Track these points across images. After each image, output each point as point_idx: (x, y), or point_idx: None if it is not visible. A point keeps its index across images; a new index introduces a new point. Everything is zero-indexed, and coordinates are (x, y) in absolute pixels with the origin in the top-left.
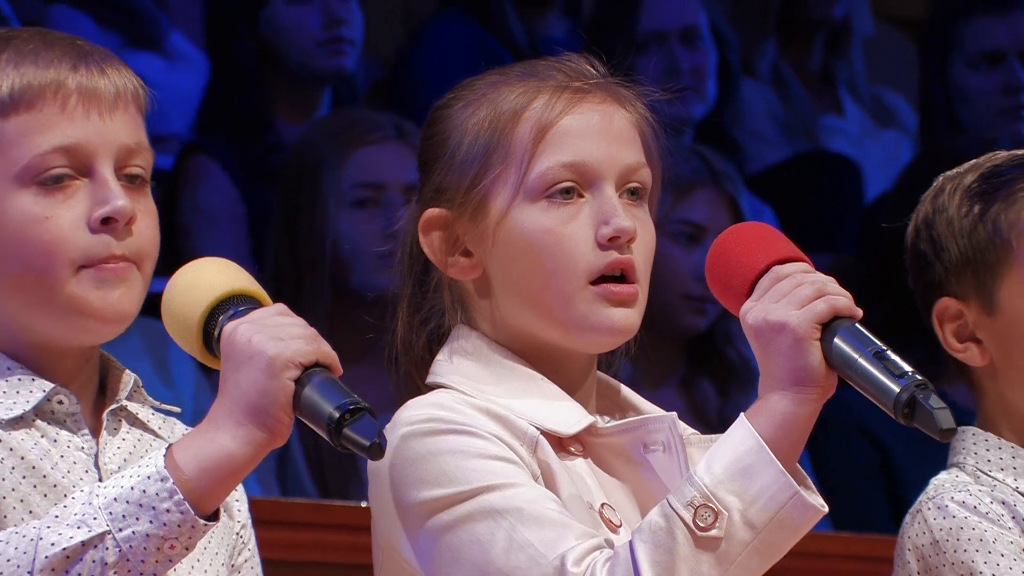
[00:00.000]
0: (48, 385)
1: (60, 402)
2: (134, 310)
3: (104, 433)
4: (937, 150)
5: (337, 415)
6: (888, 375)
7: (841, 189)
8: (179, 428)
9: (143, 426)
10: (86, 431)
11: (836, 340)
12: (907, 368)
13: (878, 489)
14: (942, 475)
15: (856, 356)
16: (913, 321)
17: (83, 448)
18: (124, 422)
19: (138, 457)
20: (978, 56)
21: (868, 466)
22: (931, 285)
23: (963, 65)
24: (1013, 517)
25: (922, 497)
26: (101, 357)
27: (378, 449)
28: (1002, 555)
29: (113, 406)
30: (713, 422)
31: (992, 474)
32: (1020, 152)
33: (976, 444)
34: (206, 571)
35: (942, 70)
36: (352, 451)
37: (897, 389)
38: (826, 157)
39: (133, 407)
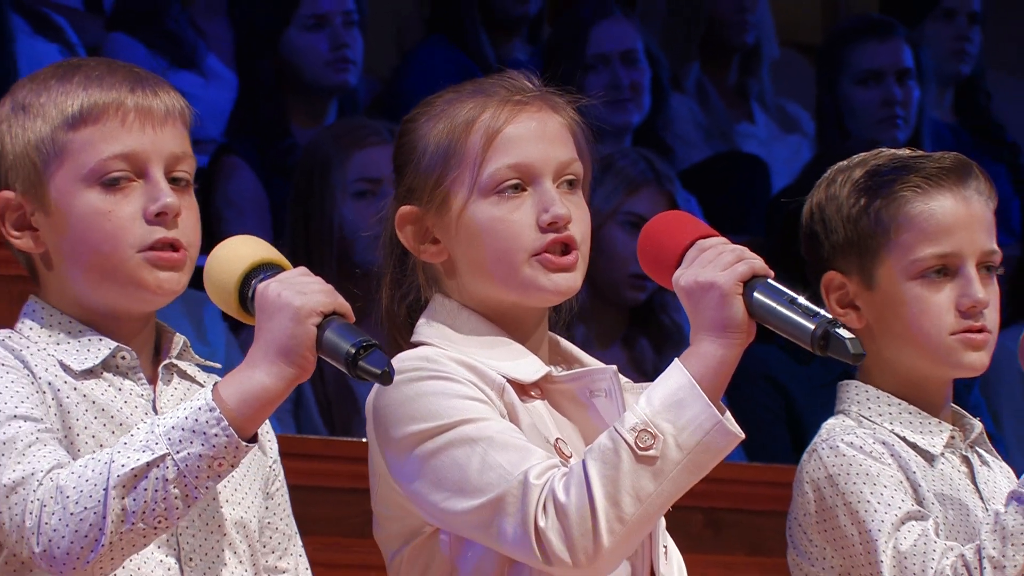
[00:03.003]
0: (113, 343)
1: (123, 357)
2: (180, 289)
3: (159, 383)
4: (830, 152)
5: (353, 351)
6: (803, 316)
7: (752, 183)
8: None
9: (190, 379)
10: (144, 381)
11: (756, 294)
12: (817, 309)
13: (782, 427)
14: (831, 420)
15: (775, 305)
16: (806, 286)
17: (143, 395)
18: (175, 375)
19: None
20: (862, 75)
21: (774, 408)
22: (820, 259)
23: (850, 83)
24: (892, 455)
25: (816, 439)
26: (156, 323)
27: (387, 376)
28: (885, 487)
29: (166, 361)
30: (649, 372)
31: (872, 419)
32: (899, 153)
33: (858, 395)
34: (246, 495)
35: (833, 87)
36: (366, 379)
37: (812, 326)
38: (740, 157)
39: (182, 364)
